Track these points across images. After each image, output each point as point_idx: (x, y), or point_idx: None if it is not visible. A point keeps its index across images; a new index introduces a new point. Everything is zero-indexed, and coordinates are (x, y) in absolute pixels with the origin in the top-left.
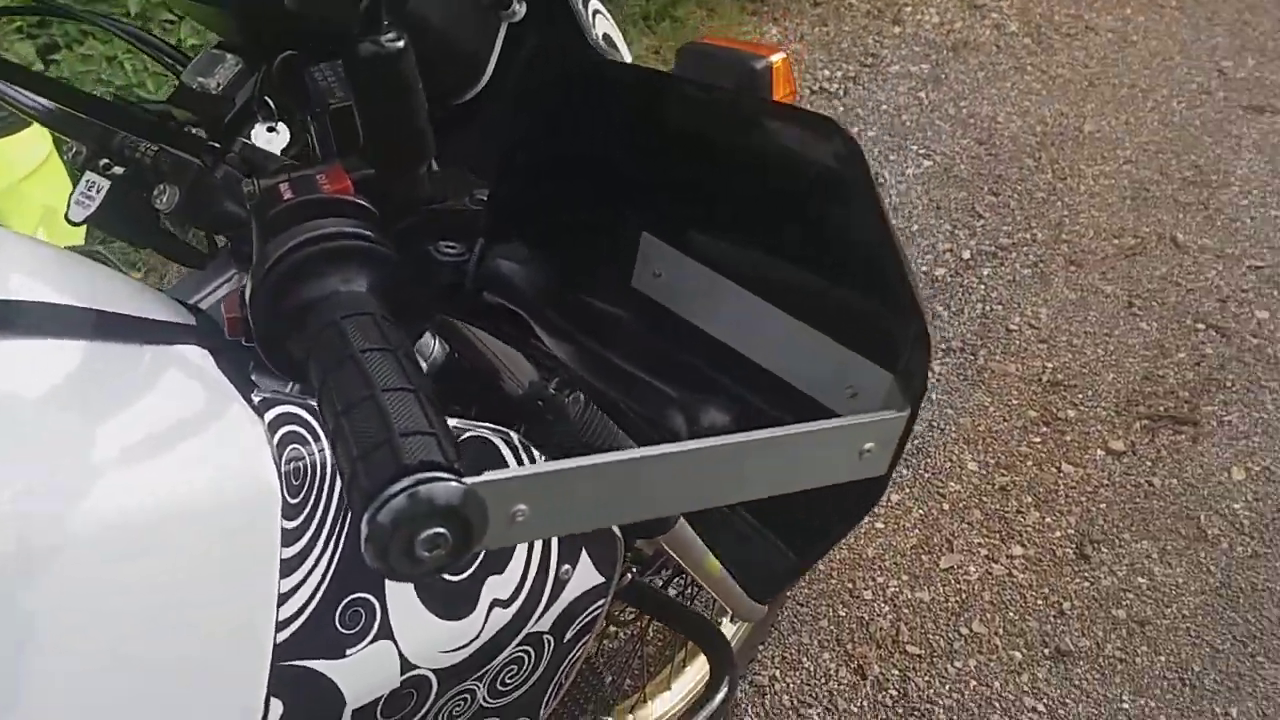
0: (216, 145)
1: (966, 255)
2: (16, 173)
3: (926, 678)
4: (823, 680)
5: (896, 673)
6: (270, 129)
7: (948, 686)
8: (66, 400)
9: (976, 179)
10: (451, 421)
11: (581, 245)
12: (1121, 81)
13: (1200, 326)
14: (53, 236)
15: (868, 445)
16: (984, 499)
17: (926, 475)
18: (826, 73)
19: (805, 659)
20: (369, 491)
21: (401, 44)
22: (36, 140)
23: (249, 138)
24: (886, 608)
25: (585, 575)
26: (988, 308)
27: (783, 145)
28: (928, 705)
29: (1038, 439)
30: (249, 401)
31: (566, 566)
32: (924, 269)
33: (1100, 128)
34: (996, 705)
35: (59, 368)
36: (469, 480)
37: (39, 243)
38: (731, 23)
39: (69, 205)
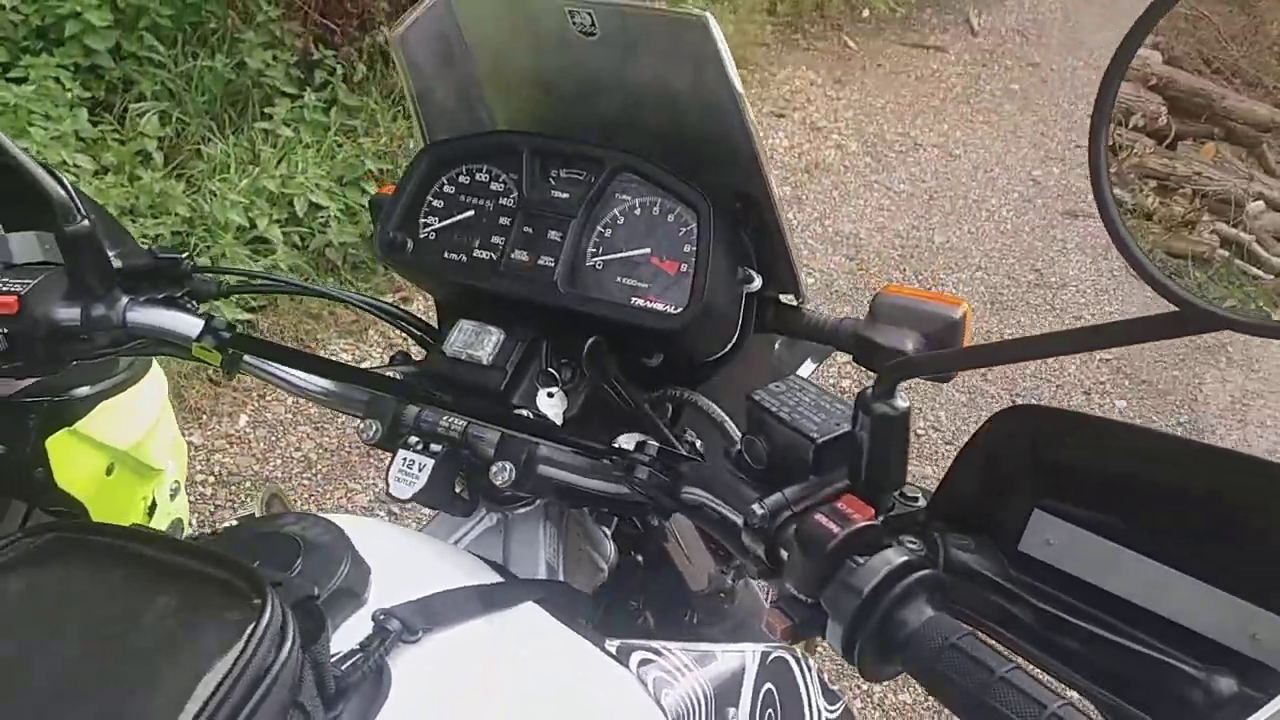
0: (613, 448)
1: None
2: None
3: None
4: None
5: None
6: (550, 394)
7: None
8: (477, 684)
9: (856, 293)
10: (746, 645)
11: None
12: (956, 194)
13: None
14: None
15: None
16: None
17: None
18: None
19: None
20: None
21: (907, 405)
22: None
23: (533, 401)
24: None
25: None
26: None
27: (1215, 485)
28: None
29: None
30: (607, 652)
31: None
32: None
33: (949, 239)
34: None
35: (462, 652)
36: None
37: (401, 529)
38: None
39: (389, 482)
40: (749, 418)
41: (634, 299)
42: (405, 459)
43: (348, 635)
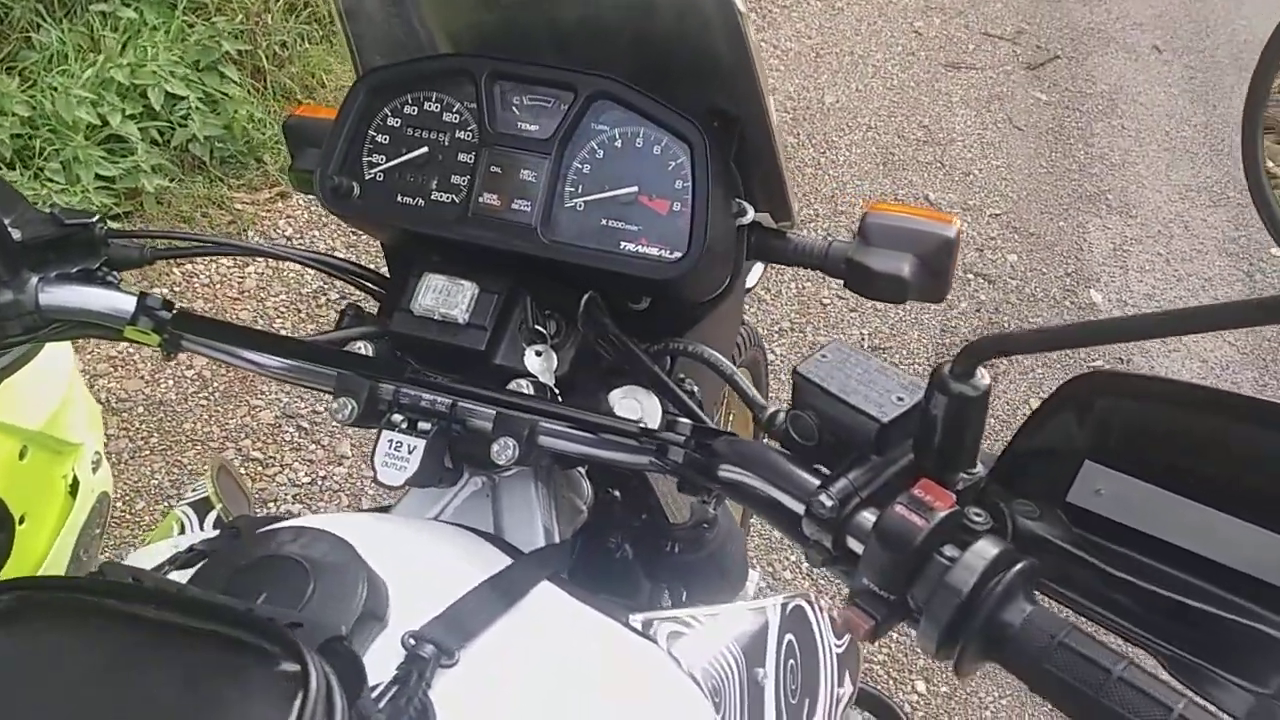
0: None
1: None
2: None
3: None
4: None
5: None
6: (538, 352)
7: None
8: (518, 698)
9: None
10: (767, 600)
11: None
12: (842, 50)
13: (970, 276)
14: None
15: None
16: None
17: None
18: None
19: None
20: None
21: (988, 383)
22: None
23: (518, 360)
24: None
25: None
26: (799, 286)
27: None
28: None
29: None
30: (633, 628)
31: None
32: None
33: (839, 98)
34: None
35: (496, 664)
36: None
37: (395, 521)
38: None
39: (376, 467)
40: (796, 392)
41: (623, 243)
42: (392, 441)
43: (376, 665)
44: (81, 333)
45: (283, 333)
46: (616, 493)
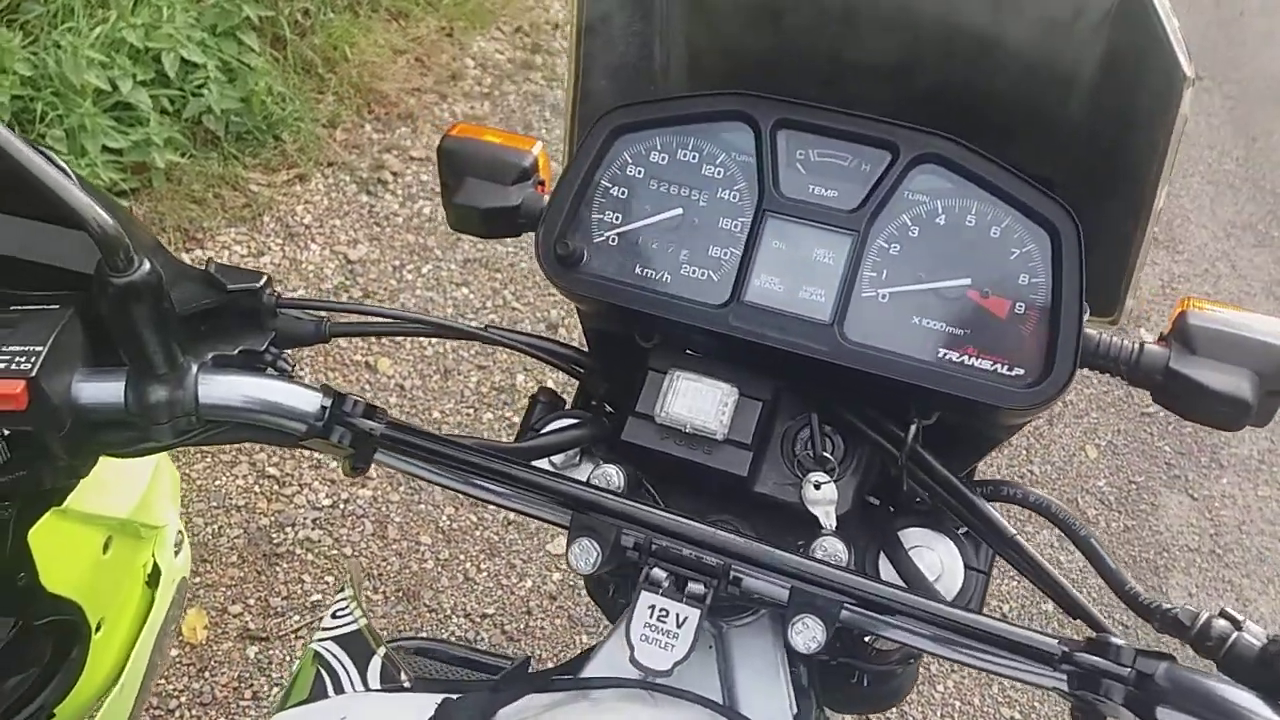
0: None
1: None
2: None
3: None
4: None
5: None
6: (817, 486)
7: None
8: None
9: None
10: None
11: None
12: None
13: None
14: None
15: None
16: None
17: None
18: None
19: None
20: None
21: None
22: None
23: (782, 488)
24: None
25: None
26: None
27: None
28: None
29: None
30: None
31: None
32: None
33: None
34: None
35: None
36: None
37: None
38: None
39: (633, 643)
40: None
41: (944, 352)
42: (655, 609)
43: None
44: (243, 437)
45: (497, 439)
46: None
